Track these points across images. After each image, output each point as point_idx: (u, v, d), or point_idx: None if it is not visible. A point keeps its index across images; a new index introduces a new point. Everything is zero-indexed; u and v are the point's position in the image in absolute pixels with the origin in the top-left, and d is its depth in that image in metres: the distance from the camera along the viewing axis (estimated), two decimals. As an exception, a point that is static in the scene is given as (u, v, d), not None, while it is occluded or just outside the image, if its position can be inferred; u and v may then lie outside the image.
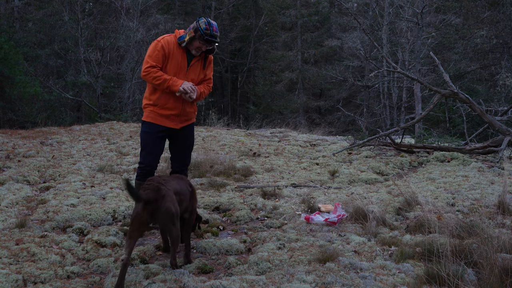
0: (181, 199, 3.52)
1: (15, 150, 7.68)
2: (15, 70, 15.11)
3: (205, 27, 3.80)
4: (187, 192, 3.64)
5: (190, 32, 3.83)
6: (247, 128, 13.41)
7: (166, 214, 3.25)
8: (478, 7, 18.67)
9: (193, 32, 3.82)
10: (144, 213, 3.15)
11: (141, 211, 3.15)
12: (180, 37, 3.89)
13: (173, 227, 3.29)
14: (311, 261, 3.38)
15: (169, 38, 3.91)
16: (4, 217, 4.36)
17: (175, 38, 3.91)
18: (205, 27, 3.80)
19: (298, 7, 26.86)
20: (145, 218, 3.16)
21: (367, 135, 10.89)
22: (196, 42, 3.85)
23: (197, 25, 3.82)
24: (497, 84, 15.68)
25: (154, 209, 3.20)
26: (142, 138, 4.05)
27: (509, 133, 7.33)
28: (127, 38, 19.39)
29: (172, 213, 3.28)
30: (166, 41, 3.87)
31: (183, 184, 3.66)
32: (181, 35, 3.90)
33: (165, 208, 3.24)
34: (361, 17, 22.16)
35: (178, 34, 3.93)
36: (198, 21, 3.84)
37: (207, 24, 3.82)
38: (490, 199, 4.83)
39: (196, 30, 3.81)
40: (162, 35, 3.97)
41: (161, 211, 3.22)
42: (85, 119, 19.42)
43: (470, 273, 3.06)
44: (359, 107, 25.08)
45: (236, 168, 6.76)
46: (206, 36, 3.80)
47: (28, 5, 20.76)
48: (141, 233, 3.30)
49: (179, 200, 3.48)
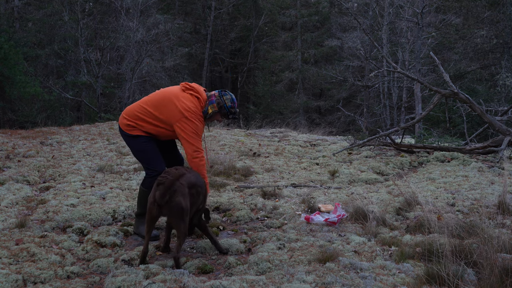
0: (198, 191, 3.55)
1: (15, 150, 7.67)
2: (15, 70, 15.10)
3: (231, 105, 3.83)
4: (203, 184, 3.67)
5: (214, 107, 3.81)
6: (247, 128, 13.41)
7: (176, 208, 3.29)
8: (478, 7, 18.67)
9: (216, 107, 3.80)
10: (154, 207, 3.29)
11: (152, 205, 3.30)
12: (204, 110, 3.83)
13: (182, 222, 3.33)
14: (311, 261, 3.38)
15: (200, 111, 3.81)
16: (4, 217, 4.36)
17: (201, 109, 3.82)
18: (231, 105, 3.83)
19: (298, 7, 26.86)
20: (155, 212, 3.32)
21: (367, 135, 10.89)
22: (217, 116, 3.86)
23: (222, 101, 3.79)
24: (497, 84, 15.68)
25: (164, 203, 3.27)
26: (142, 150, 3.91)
27: (509, 133, 7.33)
28: (127, 38, 19.39)
29: (182, 208, 3.31)
30: (202, 117, 3.82)
31: (198, 175, 3.66)
32: (204, 108, 3.83)
33: (175, 203, 3.28)
34: (361, 17, 22.15)
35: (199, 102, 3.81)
36: (223, 96, 3.81)
37: (232, 102, 3.83)
38: (490, 199, 4.82)
39: (221, 107, 3.80)
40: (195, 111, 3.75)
41: (170, 205, 3.27)
42: (85, 119, 19.41)
43: (470, 273, 3.06)
44: (359, 107, 25.07)
45: (236, 168, 6.76)
46: (231, 114, 3.83)
47: (28, 5, 20.76)
48: (154, 224, 3.46)
49: (196, 192, 3.51)
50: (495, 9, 17.55)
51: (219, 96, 3.83)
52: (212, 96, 3.86)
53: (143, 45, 19.14)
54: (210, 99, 3.84)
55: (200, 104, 3.83)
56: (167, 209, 3.30)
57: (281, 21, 28.31)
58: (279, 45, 28.38)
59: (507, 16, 16.80)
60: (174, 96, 3.81)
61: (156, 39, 20.31)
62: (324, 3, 27.13)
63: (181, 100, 3.78)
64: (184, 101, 3.77)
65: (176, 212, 3.30)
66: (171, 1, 27.70)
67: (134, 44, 19.19)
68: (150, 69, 20.68)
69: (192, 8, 29.06)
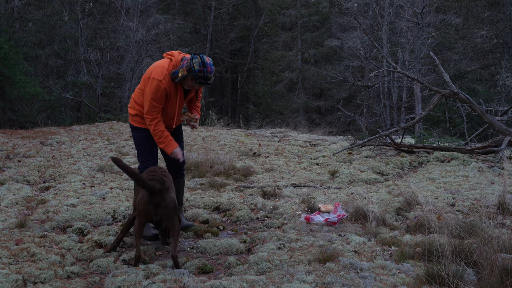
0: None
1: (15, 150, 7.67)
2: (15, 70, 15.10)
3: (199, 68, 3.61)
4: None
5: (183, 70, 3.65)
6: (247, 128, 13.42)
7: (171, 206, 3.32)
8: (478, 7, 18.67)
9: (185, 71, 3.64)
10: (150, 206, 3.27)
11: (147, 204, 3.28)
12: (173, 72, 3.72)
13: (176, 219, 3.36)
14: (311, 261, 3.38)
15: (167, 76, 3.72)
16: (4, 217, 4.36)
17: (169, 73, 3.74)
18: (199, 69, 3.61)
19: (298, 7, 26.85)
20: (151, 210, 3.30)
21: (367, 135, 10.88)
22: (188, 81, 3.72)
23: (191, 64, 3.62)
24: (497, 84, 15.68)
25: (159, 201, 3.28)
26: (138, 143, 4.00)
27: (509, 133, 7.33)
28: (127, 38, 19.39)
29: (175, 204, 3.36)
30: (167, 81, 3.72)
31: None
32: (175, 69, 3.72)
33: (170, 200, 3.29)
34: (361, 17, 22.14)
35: (171, 66, 3.76)
36: (193, 59, 3.64)
37: (201, 66, 3.61)
38: (490, 199, 4.82)
39: (189, 70, 3.63)
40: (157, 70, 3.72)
41: (166, 202, 3.27)
42: (85, 119, 19.41)
43: (470, 273, 3.06)
44: (359, 107, 25.06)
45: (236, 168, 6.76)
46: (198, 78, 3.64)
47: (28, 5, 20.76)
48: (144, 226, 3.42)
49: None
50: (495, 9, 17.55)
51: (190, 59, 3.67)
52: (184, 60, 3.73)
53: (143, 45, 19.14)
54: (182, 63, 3.71)
55: (171, 64, 3.76)
56: (163, 208, 3.30)
57: (281, 21, 28.29)
58: (279, 45, 28.36)
59: (507, 16, 16.80)
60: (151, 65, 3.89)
61: (156, 39, 20.31)
62: (324, 3, 27.12)
63: (153, 64, 3.84)
64: (155, 64, 3.82)
65: (171, 209, 3.33)
66: (171, 1, 27.69)
67: (134, 44, 19.19)
68: (150, 69, 20.63)
69: (192, 8, 29.05)
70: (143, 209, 3.30)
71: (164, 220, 3.46)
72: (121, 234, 3.67)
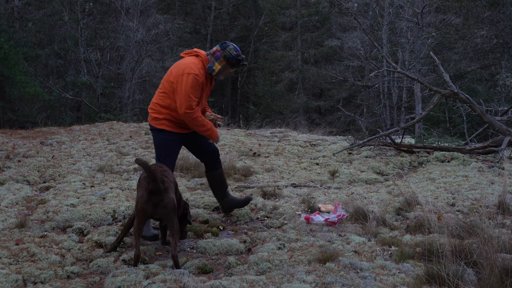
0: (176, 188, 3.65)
1: (15, 150, 7.67)
2: (15, 70, 15.11)
3: (236, 53, 3.94)
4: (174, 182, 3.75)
5: (221, 61, 3.92)
6: (247, 128, 13.41)
7: (169, 205, 3.32)
8: (478, 7, 18.69)
9: (224, 61, 3.91)
10: (148, 205, 3.29)
11: (146, 203, 3.29)
12: (208, 67, 3.96)
13: (175, 219, 3.38)
14: (311, 261, 3.38)
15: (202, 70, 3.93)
16: (4, 217, 4.35)
17: (204, 68, 3.95)
18: (236, 53, 3.94)
19: (298, 7, 26.86)
20: (149, 209, 3.31)
21: (367, 135, 10.88)
22: (227, 69, 3.98)
23: (227, 52, 3.90)
24: (497, 84, 15.69)
25: (158, 201, 3.29)
26: (160, 145, 4.08)
27: (509, 133, 7.33)
28: (127, 38, 19.40)
29: (174, 204, 3.37)
30: (203, 75, 3.92)
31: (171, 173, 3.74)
32: (209, 64, 3.96)
33: (168, 200, 3.31)
34: (361, 17, 22.15)
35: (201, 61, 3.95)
36: (226, 48, 3.92)
37: (236, 50, 3.94)
38: (490, 199, 4.82)
39: (228, 58, 3.91)
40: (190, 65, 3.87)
41: (164, 202, 3.30)
42: (85, 119, 19.42)
43: (470, 273, 3.06)
44: (359, 107, 25.06)
45: (236, 168, 6.76)
46: (238, 62, 3.94)
47: (28, 5, 20.77)
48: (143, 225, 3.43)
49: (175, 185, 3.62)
50: (495, 9, 17.56)
51: (222, 50, 3.94)
52: (216, 52, 3.97)
53: (143, 45, 19.15)
54: (215, 55, 3.95)
55: (200, 61, 3.95)
56: (161, 208, 3.31)
57: (281, 21, 28.30)
58: (279, 45, 28.37)
59: (507, 16, 16.81)
60: (173, 65, 4.02)
61: (156, 39, 20.32)
62: (324, 3, 27.12)
63: (180, 63, 3.96)
64: (183, 62, 3.94)
65: (170, 209, 3.33)
66: (171, 1, 27.70)
67: (134, 44, 19.20)
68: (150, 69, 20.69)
69: (192, 8, 29.05)
70: (141, 208, 3.32)
71: (163, 220, 3.49)
72: (121, 234, 3.67)
